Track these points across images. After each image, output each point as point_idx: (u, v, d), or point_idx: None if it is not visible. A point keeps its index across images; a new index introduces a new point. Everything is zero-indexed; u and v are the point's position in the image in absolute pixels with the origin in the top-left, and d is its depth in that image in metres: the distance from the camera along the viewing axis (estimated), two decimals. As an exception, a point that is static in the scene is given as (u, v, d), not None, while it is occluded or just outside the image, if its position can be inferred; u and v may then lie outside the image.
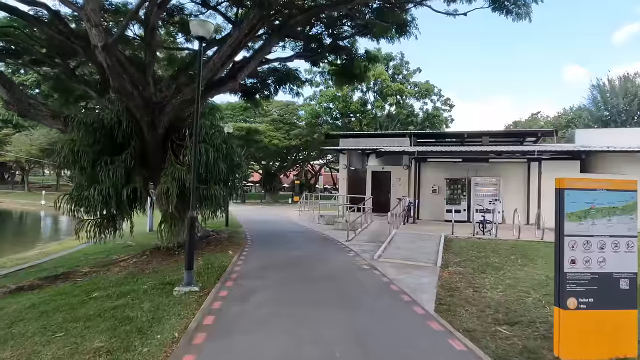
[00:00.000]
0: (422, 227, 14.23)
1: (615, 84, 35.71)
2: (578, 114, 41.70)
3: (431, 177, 17.31)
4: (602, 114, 36.04)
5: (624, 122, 33.00)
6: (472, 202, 16.17)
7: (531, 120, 49.05)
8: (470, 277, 7.70)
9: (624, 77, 35.50)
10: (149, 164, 9.78)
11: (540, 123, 47.31)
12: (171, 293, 6.41)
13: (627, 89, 34.29)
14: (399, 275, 7.66)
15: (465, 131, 20.43)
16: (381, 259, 9.23)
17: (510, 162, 16.18)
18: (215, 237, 11.32)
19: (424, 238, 11.73)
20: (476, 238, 11.79)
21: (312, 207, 21.36)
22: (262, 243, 11.68)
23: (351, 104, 34.80)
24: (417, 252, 9.84)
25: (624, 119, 33.88)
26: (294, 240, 12.41)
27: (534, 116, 50.72)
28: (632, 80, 35.09)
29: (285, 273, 7.71)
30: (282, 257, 9.27)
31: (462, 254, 9.80)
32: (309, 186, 50.18)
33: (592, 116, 37.25)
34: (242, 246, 10.75)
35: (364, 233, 13.58)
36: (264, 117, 41.55)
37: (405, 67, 37.60)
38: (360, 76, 16.35)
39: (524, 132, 22.14)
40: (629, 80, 35.04)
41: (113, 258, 10.97)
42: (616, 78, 35.90)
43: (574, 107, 44.61)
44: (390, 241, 10.97)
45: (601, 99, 36.31)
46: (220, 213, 10.59)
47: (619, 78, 35.77)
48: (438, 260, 8.87)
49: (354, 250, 10.42)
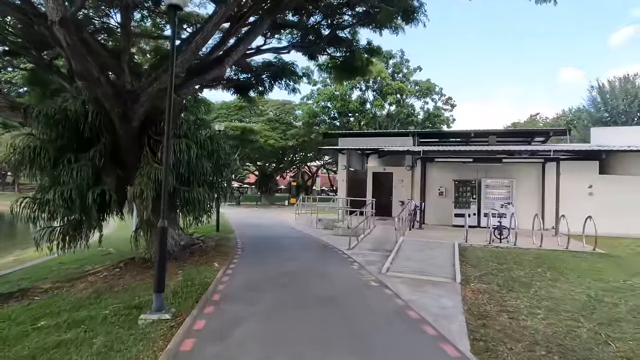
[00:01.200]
0: (430, 233, 13.00)
1: (615, 85, 35.08)
2: (577, 115, 40.93)
3: (438, 178, 16.11)
4: (601, 115, 35.24)
5: (624, 124, 32.21)
6: (482, 205, 14.98)
7: (530, 121, 48.14)
8: (498, 296, 6.48)
9: (624, 78, 34.91)
10: (123, 162, 8.50)
11: (539, 124, 46.33)
12: (136, 322, 5.14)
13: (627, 90, 33.64)
14: (415, 295, 6.42)
15: (472, 130, 19.23)
16: (390, 272, 7.99)
17: (523, 162, 14.99)
18: (200, 246, 10.04)
19: (434, 246, 10.51)
20: (493, 246, 10.58)
21: (309, 209, 20.12)
22: (253, 252, 10.41)
23: (350, 102, 33.58)
24: (430, 264, 8.61)
25: (624, 120, 33.08)
26: (289, 249, 11.14)
27: (532, 117, 49.81)
28: (632, 81, 34.52)
29: (279, 293, 6.44)
30: (276, 271, 8.00)
31: (481, 266, 8.59)
32: (305, 188, 48.99)
33: (591, 117, 36.40)
34: (230, 256, 9.47)
35: (367, 240, 12.34)
36: (260, 116, 40.30)
37: (405, 65, 36.42)
38: (361, 70, 15.12)
39: (533, 131, 21.02)
40: (629, 82, 34.45)
41: (85, 269, 9.68)
42: (616, 79, 35.39)
43: (573, 109, 43.91)
44: (397, 250, 9.73)
45: (601, 100, 35.66)
46: (206, 218, 9.32)
47: (619, 79, 35.21)
48: (456, 275, 7.65)
49: (357, 262, 9.17)
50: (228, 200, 10.87)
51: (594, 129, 17.37)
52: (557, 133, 18.14)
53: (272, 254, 10.25)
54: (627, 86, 34.02)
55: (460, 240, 11.12)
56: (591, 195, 14.53)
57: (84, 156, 7.69)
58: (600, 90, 35.88)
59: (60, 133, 7.66)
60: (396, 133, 22.36)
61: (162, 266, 5.35)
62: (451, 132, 20.89)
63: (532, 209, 14.80)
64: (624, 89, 33.92)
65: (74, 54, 6.90)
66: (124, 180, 8.46)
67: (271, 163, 44.03)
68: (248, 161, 45.58)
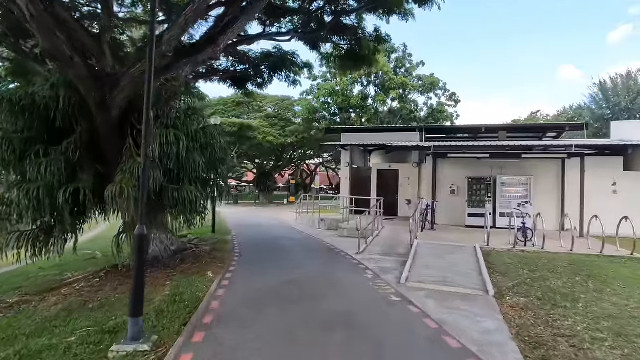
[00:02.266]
0: (445, 235, 11.97)
1: (617, 81, 34.44)
2: (578, 112, 40.11)
3: (449, 175, 15.06)
4: (603, 112, 34.51)
5: None
6: (497, 204, 13.96)
7: (531, 118, 47.25)
8: (543, 313, 5.44)
9: (626, 75, 34.22)
10: (104, 156, 7.42)
11: (540, 121, 45.33)
12: (106, 354, 4.09)
13: (630, 87, 33.01)
14: (446, 313, 5.38)
15: (482, 125, 18.21)
16: (410, 282, 6.95)
17: (541, 158, 13.95)
18: (193, 251, 8.97)
19: (453, 250, 9.48)
20: (518, 250, 9.55)
21: (310, 208, 19.05)
22: (252, 257, 9.34)
23: (351, 98, 32.49)
24: (453, 272, 7.57)
25: (626, 117, 32.22)
26: (292, 253, 10.09)
27: (533, 114, 48.90)
28: (635, 78, 33.80)
29: (284, 312, 5.38)
30: (279, 281, 6.94)
31: (511, 274, 7.56)
32: (304, 186, 47.94)
33: (592, 115, 35.63)
34: (227, 263, 8.40)
35: (377, 243, 11.30)
36: (258, 112, 39.21)
37: (408, 60, 35.34)
38: (367, 59, 14.02)
39: (546, 126, 19.96)
40: (631, 78, 33.75)
41: (64, 277, 8.60)
42: (618, 76, 34.73)
43: (573, 106, 43.04)
44: (414, 256, 8.68)
45: (603, 97, 35.02)
46: (199, 220, 8.25)
47: (621, 76, 34.55)
48: (488, 286, 6.61)
49: (370, 269, 8.12)
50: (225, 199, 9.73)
51: (615, 122, 16.37)
52: (573, 128, 17.12)
53: (273, 259, 9.18)
54: (630, 83, 33.52)
55: (480, 243, 10.10)
56: (615, 193, 13.53)
57: (56, 149, 6.61)
58: (601, 87, 35.38)
59: (28, 122, 6.60)
60: (402, 128, 21.31)
61: (139, 285, 4.27)
62: (459, 127, 19.86)
63: (551, 208, 13.81)
64: (626, 86, 33.40)
65: (40, 28, 5.81)
66: (105, 177, 7.37)
67: (270, 161, 42.98)
68: (246, 159, 44.53)
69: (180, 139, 6.81)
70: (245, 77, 14.63)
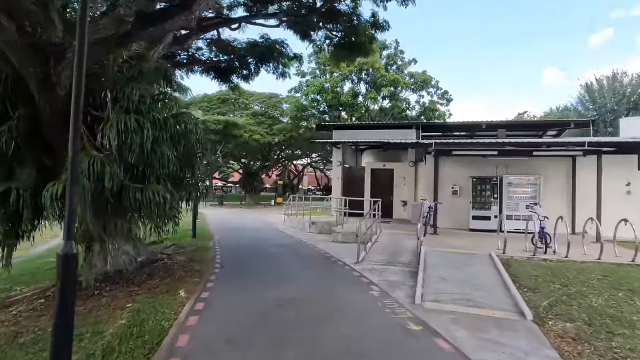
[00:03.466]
0: (450, 240, 10.83)
1: (604, 83, 34.46)
2: (565, 113, 39.98)
3: (451, 175, 13.92)
4: (589, 113, 34.36)
5: (612, 122, 31.27)
6: (504, 206, 12.89)
7: (518, 119, 46.83)
8: (605, 348, 4.28)
9: (612, 76, 34.20)
10: (51, 147, 6.02)
11: (527, 122, 44.89)
12: None
13: (615, 89, 33.00)
14: (487, 350, 4.17)
15: (482, 121, 17.18)
16: (427, 302, 5.73)
17: (549, 156, 12.93)
18: (165, 263, 7.58)
19: (466, 259, 8.31)
20: (540, 258, 8.43)
21: (299, 210, 17.77)
22: (236, 269, 8.00)
23: (341, 95, 31.31)
24: (475, 287, 6.39)
25: (612, 119, 32.21)
26: (282, 263, 8.79)
27: (520, 115, 48.57)
28: (620, 80, 33.81)
29: (277, 352, 4.09)
30: (268, 303, 5.64)
31: (541, 288, 6.42)
32: (292, 187, 46.65)
33: (579, 116, 35.50)
34: (204, 277, 7.05)
35: (376, 249, 10.09)
36: (244, 110, 37.74)
37: (399, 57, 34.38)
38: (363, 48, 12.80)
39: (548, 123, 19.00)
40: (617, 80, 33.76)
41: (11, 294, 7.15)
42: (604, 77, 34.74)
43: (560, 107, 42.88)
44: (424, 266, 7.47)
45: (589, 98, 35.09)
46: (172, 226, 6.89)
47: (607, 77, 34.52)
48: (522, 307, 5.44)
49: (375, 284, 6.88)
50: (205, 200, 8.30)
51: (624, 119, 15.53)
52: (579, 125, 16.20)
53: (261, 271, 7.87)
54: (615, 85, 33.53)
55: (494, 250, 8.99)
56: (629, 194, 12.59)
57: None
58: (588, 88, 35.48)
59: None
60: (397, 125, 20.22)
61: (63, 330, 2.92)
62: (457, 125, 18.81)
63: (561, 210, 12.77)
64: (612, 88, 33.39)
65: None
66: (52, 173, 5.97)
67: (256, 160, 41.53)
68: (232, 158, 42.98)
69: (145, 126, 5.46)
70: (230, 68, 13.32)
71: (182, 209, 7.11)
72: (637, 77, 33.26)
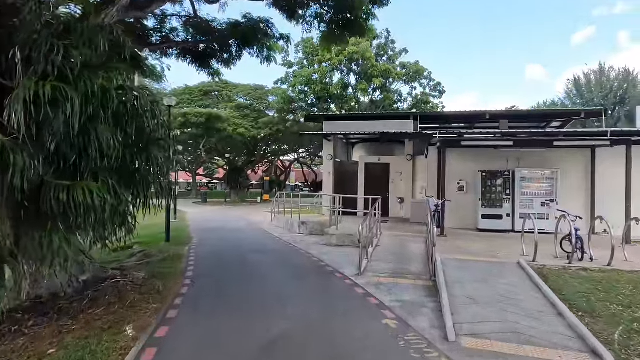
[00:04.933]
0: (463, 244, 9.40)
1: (591, 78, 34.55)
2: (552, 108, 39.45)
3: (456, 169, 12.45)
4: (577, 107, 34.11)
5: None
6: (516, 203, 11.54)
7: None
8: None
9: (599, 71, 34.20)
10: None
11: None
12: None
13: (602, 84, 33.20)
14: None
15: (486, 111, 15.85)
16: (464, 338, 4.24)
17: (569, 147, 11.55)
18: (116, 283, 5.92)
19: (492, 269, 6.86)
20: (579, 267, 7.03)
21: (287, 207, 16.20)
22: (209, 288, 6.38)
23: (331, 86, 29.72)
24: (518, 312, 4.93)
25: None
26: (268, 277, 7.23)
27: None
28: (607, 74, 33.82)
29: None
30: (249, 350, 4.07)
31: (600, 312, 5.00)
32: (279, 183, 45.01)
33: None
34: (166, 303, 5.41)
35: (379, 255, 8.61)
36: (228, 102, 35.91)
37: (390, 47, 32.92)
38: (359, 26, 11.23)
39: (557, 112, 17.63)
40: (604, 75, 33.84)
41: None
42: (591, 72, 34.76)
43: (547, 102, 42.42)
44: (445, 282, 5.98)
45: (577, 92, 35.19)
46: (123, 237, 5.26)
47: (594, 72, 34.53)
48: (594, 344, 4.00)
49: (387, 306, 5.38)
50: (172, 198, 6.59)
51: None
52: (590, 115, 14.99)
53: (241, 290, 6.28)
54: (602, 79, 33.65)
55: (520, 256, 7.60)
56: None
57: None
58: (576, 83, 35.62)
59: None
60: (393, 115, 18.77)
61: None
62: (457, 115, 17.43)
63: (578, 207, 11.49)
64: (599, 82, 33.55)
65: None
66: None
67: (241, 155, 39.76)
68: (216, 154, 41.06)
69: (71, 98, 3.82)
70: (209, 51, 11.67)
71: (137, 212, 5.49)
72: (623, 72, 33.50)
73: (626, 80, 32.74)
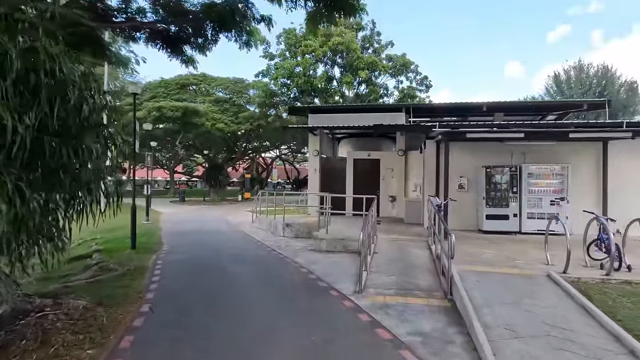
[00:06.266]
0: (472, 249, 8.22)
1: (571, 74, 34.82)
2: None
3: (456, 165, 11.25)
4: None
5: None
6: (523, 202, 10.49)
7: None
8: None
9: (579, 67, 34.48)
10: None
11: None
12: None
13: (582, 80, 33.52)
14: None
15: (483, 102, 14.84)
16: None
17: (581, 140, 10.54)
18: (43, 317, 4.45)
19: (523, 286, 5.68)
20: (619, 280, 5.90)
21: (270, 206, 14.84)
22: (172, 320, 4.98)
23: (314, 79, 28.37)
24: (578, 352, 3.73)
25: None
26: (247, 298, 5.90)
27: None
28: (587, 71, 34.16)
29: None
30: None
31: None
32: (260, 181, 43.47)
33: None
34: (106, 348, 3.99)
35: (379, 265, 7.37)
36: (207, 96, 34.18)
37: (376, 39, 31.78)
38: (348, 4, 9.97)
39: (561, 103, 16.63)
40: (583, 71, 34.19)
41: None
42: (571, 68, 34.98)
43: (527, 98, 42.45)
44: (472, 306, 4.76)
45: (557, 89, 35.29)
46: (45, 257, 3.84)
47: (574, 68, 34.76)
48: None
49: (404, 343, 4.12)
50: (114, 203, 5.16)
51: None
52: (592, 106, 14.13)
53: (215, 323, 4.91)
54: (582, 76, 33.95)
55: (542, 265, 6.51)
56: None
57: None
58: (556, 79, 35.78)
59: None
60: (384, 107, 17.64)
61: None
62: (451, 107, 16.35)
63: (588, 206, 10.54)
64: (579, 79, 33.85)
65: None
66: None
67: (221, 152, 38.08)
68: (195, 151, 39.22)
69: None
70: (182, 36, 10.20)
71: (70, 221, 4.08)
72: (602, 69, 33.74)
73: (605, 77, 33.06)
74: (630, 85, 32.84)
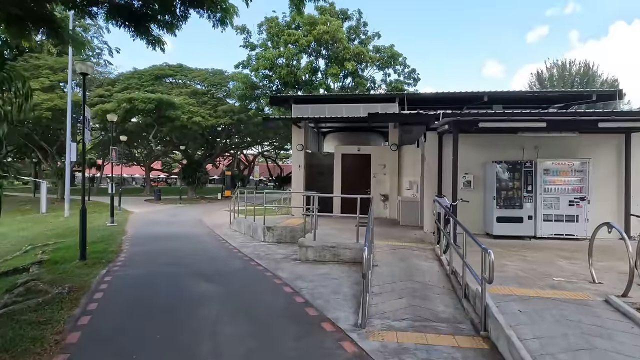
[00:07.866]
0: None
1: (553, 72, 35.05)
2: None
3: (460, 160, 9.91)
4: None
5: None
6: (538, 202, 9.20)
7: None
8: None
9: (561, 65, 34.71)
10: None
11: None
12: None
13: (564, 77, 33.74)
14: None
15: (484, 92, 13.57)
16: None
17: (595, 133, 9.32)
18: None
19: (579, 318, 4.26)
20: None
21: (249, 205, 13.25)
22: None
23: (298, 70, 26.74)
24: None
25: None
26: (210, 343, 4.36)
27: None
28: (569, 69, 34.34)
29: None
30: None
31: None
32: (242, 178, 41.65)
33: None
34: None
35: (383, 283, 5.89)
36: (183, 88, 32.15)
37: (362, 30, 30.34)
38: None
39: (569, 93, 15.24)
40: (565, 69, 34.38)
41: None
42: (554, 66, 35.17)
43: None
44: (527, 352, 3.35)
45: (540, 86, 35.27)
46: None
47: (557, 65, 34.95)
48: None
49: None
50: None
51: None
52: (602, 97, 12.98)
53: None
54: (564, 73, 34.13)
55: (583, 282, 5.18)
56: None
57: None
58: (539, 76, 35.95)
59: None
60: (376, 97, 16.17)
61: None
62: (449, 97, 15.01)
63: (609, 205, 9.35)
64: (562, 76, 34.05)
65: None
66: None
67: (200, 148, 36.12)
68: (172, 147, 37.12)
69: None
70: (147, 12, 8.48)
71: None
72: (584, 66, 33.94)
73: (586, 74, 33.27)
74: (611, 83, 32.76)
